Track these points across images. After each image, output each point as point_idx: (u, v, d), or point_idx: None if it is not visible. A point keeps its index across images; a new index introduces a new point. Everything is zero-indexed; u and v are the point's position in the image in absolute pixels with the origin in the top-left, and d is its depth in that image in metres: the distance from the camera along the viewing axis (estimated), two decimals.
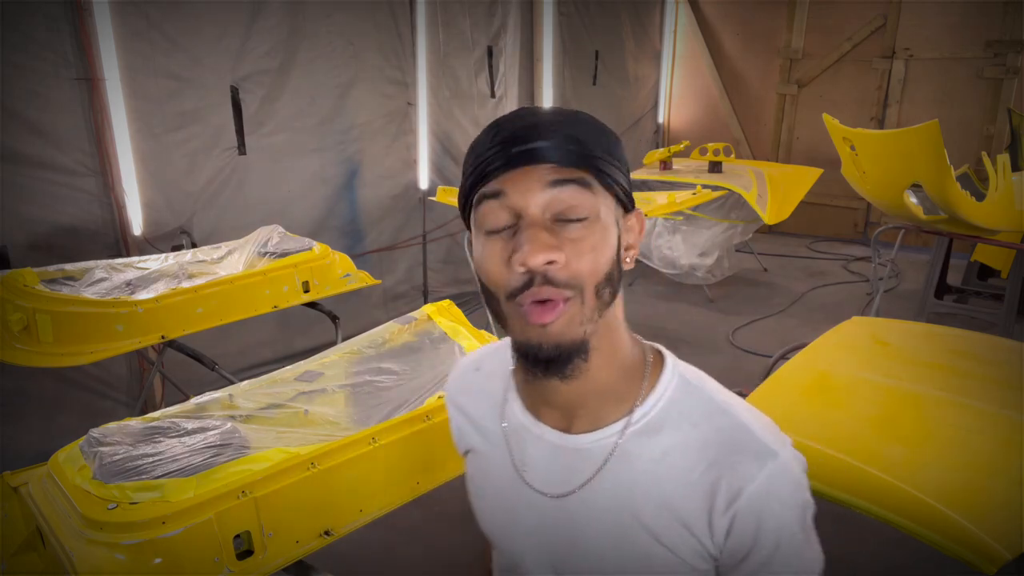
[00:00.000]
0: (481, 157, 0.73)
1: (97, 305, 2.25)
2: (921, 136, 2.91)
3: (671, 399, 0.79)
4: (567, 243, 0.70)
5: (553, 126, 0.71)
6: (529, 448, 0.84)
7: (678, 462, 0.76)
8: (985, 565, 1.28)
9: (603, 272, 0.72)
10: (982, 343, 2.20)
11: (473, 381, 0.95)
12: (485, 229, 0.73)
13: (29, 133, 2.78)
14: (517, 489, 0.84)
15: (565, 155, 0.70)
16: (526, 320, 0.71)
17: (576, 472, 0.80)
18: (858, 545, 2.47)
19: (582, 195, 0.71)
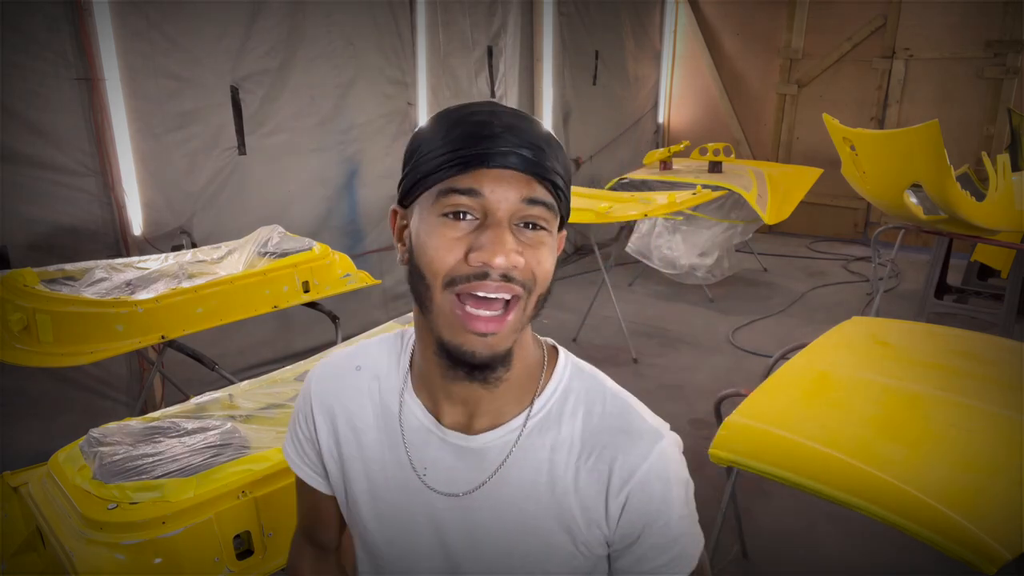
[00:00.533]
0: (447, 149, 0.72)
1: (97, 305, 2.25)
2: (921, 136, 2.91)
3: (567, 388, 0.83)
4: (526, 247, 0.73)
5: (527, 133, 0.73)
6: (431, 451, 0.83)
7: (576, 448, 0.80)
8: (985, 565, 1.28)
9: (547, 282, 0.75)
10: (982, 343, 2.20)
11: (353, 382, 0.89)
12: (443, 213, 0.72)
13: (29, 133, 2.77)
14: (416, 492, 0.83)
15: (540, 168, 0.73)
16: (464, 322, 0.72)
17: (478, 470, 0.81)
18: (858, 545, 2.47)
19: (546, 212, 0.74)
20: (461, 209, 0.72)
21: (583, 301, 4.58)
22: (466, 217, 0.72)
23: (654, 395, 3.56)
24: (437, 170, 0.73)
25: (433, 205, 0.73)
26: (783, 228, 6.35)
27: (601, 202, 3.93)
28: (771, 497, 2.69)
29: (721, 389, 2.20)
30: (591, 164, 6.09)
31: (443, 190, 0.72)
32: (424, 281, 0.73)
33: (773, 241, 6.46)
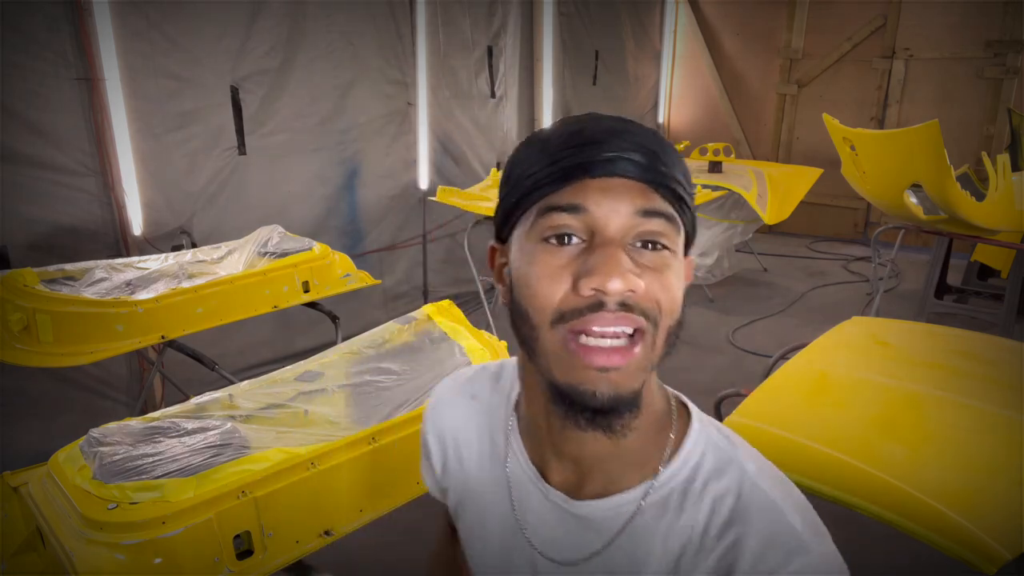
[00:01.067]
0: (544, 164, 0.62)
1: (97, 305, 2.25)
2: (921, 136, 2.91)
3: (698, 464, 0.66)
4: (647, 271, 0.60)
5: (635, 135, 0.62)
6: (533, 503, 0.72)
7: (694, 545, 0.64)
8: (985, 565, 1.28)
9: (679, 311, 0.62)
10: (982, 343, 2.20)
11: (468, 411, 0.81)
12: (544, 238, 0.61)
13: (29, 133, 2.77)
14: (518, 546, 0.73)
15: (655, 174, 0.61)
16: (577, 358, 0.59)
17: (584, 540, 0.68)
18: (858, 545, 2.46)
19: (668, 227, 0.62)
20: (564, 231, 0.60)
21: None
22: (571, 240, 0.61)
23: None
24: (532, 189, 0.62)
25: (531, 230, 0.62)
26: (783, 228, 6.34)
27: None
28: None
29: (721, 389, 2.20)
30: None
31: (541, 210, 0.62)
32: (529, 321, 0.62)
33: (773, 241, 6.46)
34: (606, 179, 0.60)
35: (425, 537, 0.97)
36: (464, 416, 0.81)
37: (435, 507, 0.94)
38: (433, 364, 2.01)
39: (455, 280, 4.85)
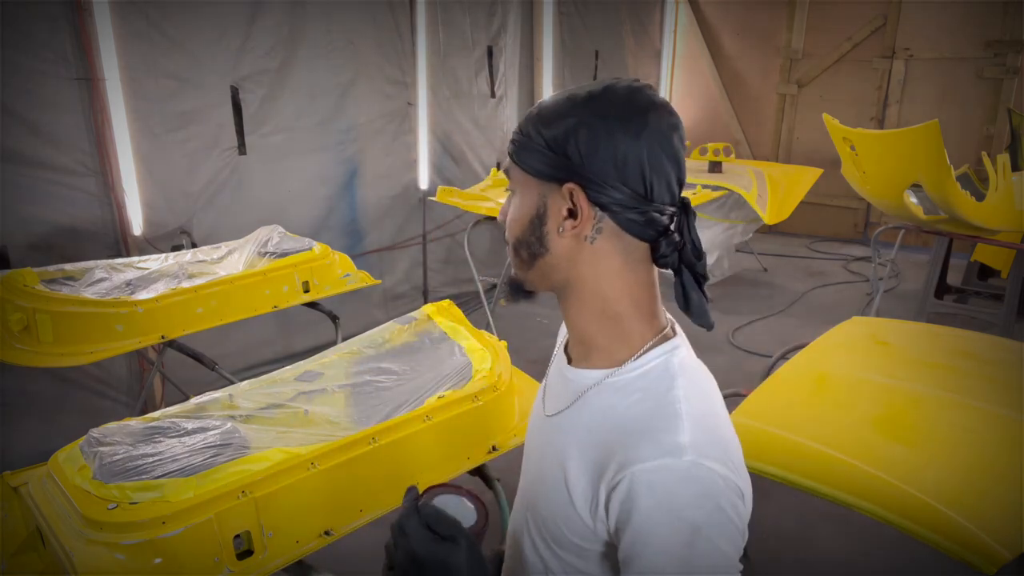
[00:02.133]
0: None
1: (97, 305, 2.25)
2: (921, 136, 2.91)
3: (644, 373, 0.84)
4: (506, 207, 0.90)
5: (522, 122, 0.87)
6: (552, 374, 0.97)
7: (610, 422, 0.80)
8: (985, 565, 1.28)
9: (515, 235, 0.87)
10: (982, 343, 2.20)
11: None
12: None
13: (29, 133, 2.77)
14: (538, 414, 0.96)
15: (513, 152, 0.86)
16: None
17: (564, 398, 0.89)
18: (858, 545, 2.46)
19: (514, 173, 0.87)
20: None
21: None
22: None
23: None
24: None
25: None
26: (783, 228, 6.34)
27: None
28: (771, 497, 2.69)
29: (721, 389, 2.20)
30: None
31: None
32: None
33: (773, 241, 6.46)
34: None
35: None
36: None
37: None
38: (433, 364, 2.01)
39: (455, 280, 4.85)
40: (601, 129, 0.78)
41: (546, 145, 0.82)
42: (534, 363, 3.95)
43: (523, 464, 0.98)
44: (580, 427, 0.84)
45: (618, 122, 0.78)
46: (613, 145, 0.78)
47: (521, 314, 4.69)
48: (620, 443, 0.76)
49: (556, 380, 0.94)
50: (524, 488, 0.95)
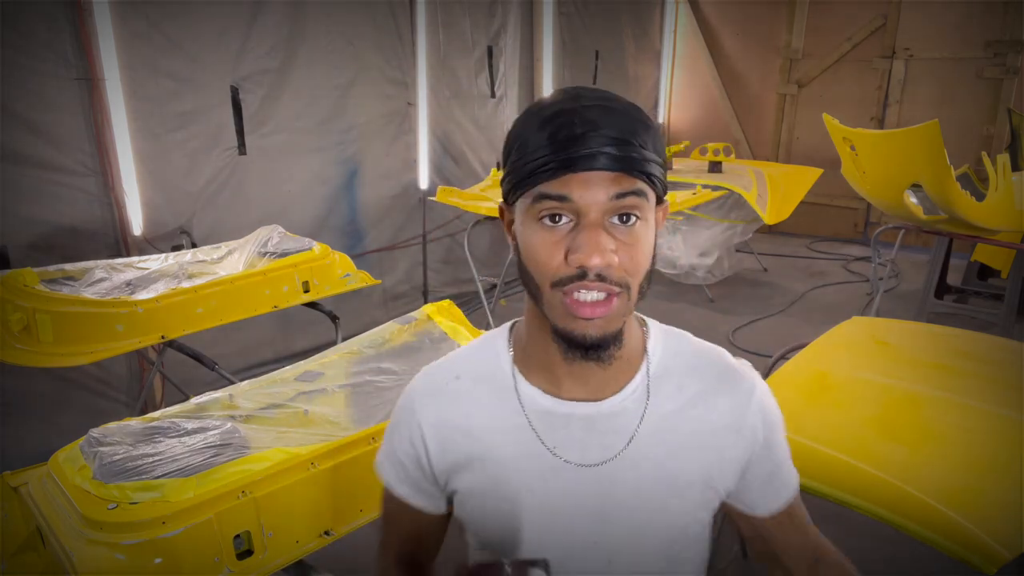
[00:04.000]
0: (537, 155, 0.74)
1: (97, 305, 2.25)
2: (921, 136, 2.91)
3: (665, 345, 0.91)
4: (621, 246, 0.75)
5: (611, 127, 0.73)
6: (559, 429, 0.86)
7: (691, 392, 0.88)
8: (985, 565, 1.28)
9: (646, 269, 0.79)
10: (982, 343, 2.20)
11: (457, 390, 0.91)
12: (540, 218, 0.76)
13: (29, 133, 2.77)
14: (556, 471, 0.86)
15: (627, 163, 0.74)
16: (573, 312, 0.76)
17: (612, 436, 0.86)
18: (858, 545, 2.46)
19: (638, 200, 0.76)
20: (555, 212, 0.75)
21: None
22: (561, 220, 0.75)
23: None
24: (529, 176, 0.75)
25: (530, 209, 0.77)
26: (783, 228, 6.34)
27: None
28: None
29: None
30: None
31: (536, 196, 0.75)
32: (532, 279, 0.79)
33: (773, 241, 6.45)
34: (586, 173, 0.73)
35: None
36: (456, 395, 0.90)
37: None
38: None
39: (455, 280, 4.85)
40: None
41: (658, 162, 0.77)
42: None
43: (497, 483, 0.87)
44: (664, 443, 0.86)
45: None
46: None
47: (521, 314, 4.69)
48: (728, 390, 0.90)
49: (577, 430, 0.86)
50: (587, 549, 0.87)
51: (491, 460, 0.88)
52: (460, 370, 0.92)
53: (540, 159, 0.74)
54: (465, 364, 0.93)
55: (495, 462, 0.88)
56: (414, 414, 0.91)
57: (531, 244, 0.77)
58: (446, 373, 0.93)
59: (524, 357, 0.89)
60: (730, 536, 2.43)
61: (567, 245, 0.75)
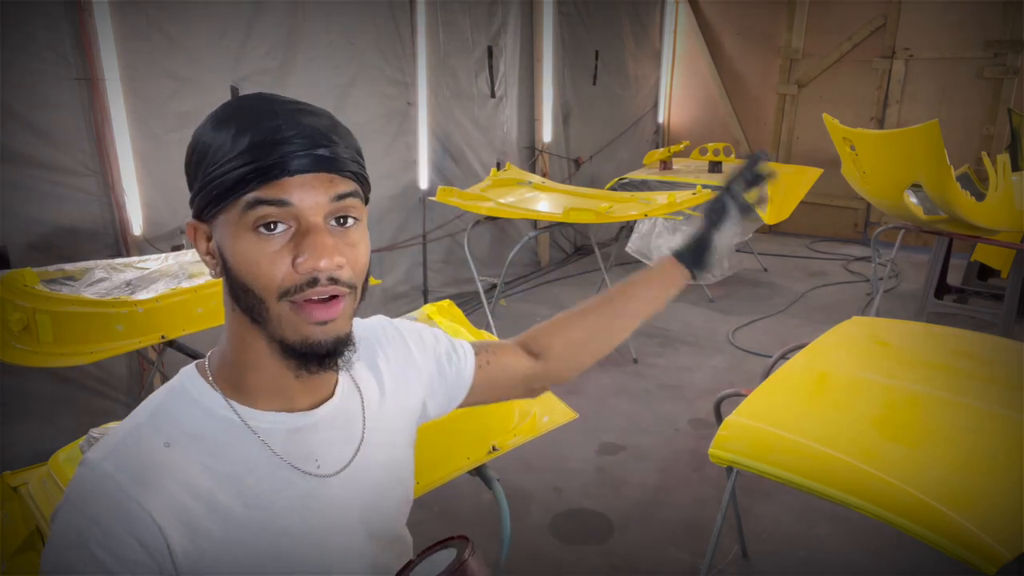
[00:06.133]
0: (244, 160, 0.70)
1: (97, 305, 2.25)
2: (921, 136, 2.91)
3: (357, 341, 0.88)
4: (346, 247, 0.74)
5: (316, 129, 0.73)
6: (310, 441, 0.82)
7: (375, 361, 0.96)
8: (985, 565, 1.28)
9: (366, 272, 0.78)
10: (982, 343, 2.20)
11: (176, 461, 0.74)
12: (255, 227, 0.71)
13: (29, 133, 2.77)
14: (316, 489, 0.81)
15: (340, 164, 0.73)
16: (307, 318, 0.73)
17: (350, 430, 0.86)
18: (858, 545, 2.47)
19: (355, 201, 0.75)
20: (272, 220, 0.71)
21: (583, 301, 4.57)
22: (277, 227, 0.71)
23: (654, 395, 3.56)
24: (235, 184, 0.70)
25: (241, 219, 0.71)
26: (783, 228, 6.35)
27: (601, 202, 3.93)
28: (771, 497, 2.69)
29: (721, 389, 2.20)
30: (591, 164, 6.09)
31: (249, 202, 0.71)
32: (254, 295, 0.73)
33: (773, 241, 6.46)
34: (303, 175, 0.71)
35: (425, 537, 0.97)
36: (178, 466, 0.74)
37: (435, 508, 0.96)
38: None
39: (455, 280, 4.85)
40: None
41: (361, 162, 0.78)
42: None
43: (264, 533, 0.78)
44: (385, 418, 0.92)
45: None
46: None
47: (521, 314, 4.69)
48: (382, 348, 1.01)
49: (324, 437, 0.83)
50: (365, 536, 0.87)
51: (247, 516, 0.76)
52: (163, 437, 0.75)
53: (249, 164, 0.70)
54: (163, 428, 0.76)
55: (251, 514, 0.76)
56: (133, 505, 0.69)
57: (248, 257, 0.72)
58: (147, 445, 0.74)
59: (242, 388, 0.80)
60: (730, 535, 2.43)
61: (291, 252, 0.71)
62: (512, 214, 3.97)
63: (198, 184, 0.74)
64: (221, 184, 0.71)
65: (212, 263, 0.78)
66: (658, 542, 2.51)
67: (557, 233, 5.77)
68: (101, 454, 0.74)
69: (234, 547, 0.75)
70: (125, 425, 0.78)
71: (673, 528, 2.58)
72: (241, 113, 0.73)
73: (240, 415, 0.79)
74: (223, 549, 0.74)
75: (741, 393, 1.96)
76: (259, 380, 0.80)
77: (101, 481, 0.71)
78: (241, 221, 0.71)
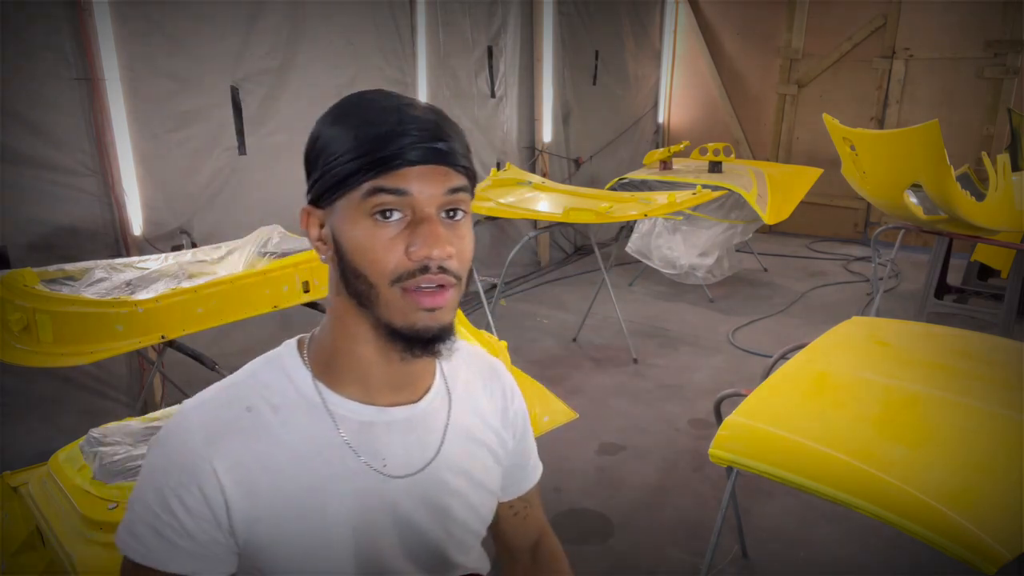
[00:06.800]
0: (369, 149, 0.74)
1: (97, 305, 2.25)
2: (921, 136, 2.91)
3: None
4: (455, 238, 0.77)
5: (438, 124, 0.77)
6: (381, 439, 0.84)
7: (475, 390, 0.95)
8: (985, 565, 1.28)
9: (471, 262, 0.81)
10: (982, 343, 2.20)
11: (254, 424, 0.79)
12: (372, 214, 0.75)
13: (29, 133, 2.77)
14: (378, 485, 0.83)
15: (456, 159, 0.77)
16: (416, 305, 0.76)
17: (428, 435, 0.87)
18: (858, 545, 2.47)
19: (465, 196, 0.79)
20: (389, 207, 0.75)
21: (583, 301, 4.58)
22: (394, 215, 0.75)
23: (654, 395, 3.56)
24: (356, 171, 0.75)
25: (360, 206, 0.75)
26: (783, 228, 6.35)
27: (601, 202, 3.93)
28: (771, 497, 2.69)
29: (721, 389, 2.20)
30: (591, 164, 6.09)
31: (369, 190, 0.75)
32: (366, 279, 0.76)
33: (773, 241, 6.46)
34: (423, 166, 0.75)
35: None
36: (250, 432, 0.79)
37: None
38: None
39: None
40: None
41: (470, 159, 0.82)
42: (534, 363, 3.97)
43: (317, 516, 0.80)
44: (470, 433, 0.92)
45: None
46: None
47: (521, 314, 4.69)
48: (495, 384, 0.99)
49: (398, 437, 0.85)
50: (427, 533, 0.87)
51: (305, 493, 0.79)
52: (248, 401, 0.80)
53: (371, 154, 0.74)
54: (252, 393, 0.81)
55: (310, 494, 0.79)
56: (204, 460, 0.76)
57: (363, 242, 0.75)
58: (233, 407, 0.80)
59: (330, 371, 0.83)
60: (730, 535, 2.43)
61: (406, 240, 0.75)
62: (512, 214, 3.97)
63: (318, 172, 0.78)
64: (342, 172, 0.75)
65: (323, 248, 0.81)
66: (658, 542, 2.51)
67: (557, 233, 5.77)
68: (194, 404, 0.81)
69: (286, 522, 0.79)
70: (225, 380, 0.85)
71: (673, 528, 2.58)
72: (362, 107, 0.78)
73: (322, 396, 0.82)
74: (276, 520, 0.78)
75: (741, 393, 1.96)
76: (348, 366, 0.82)
77: (184, 431, 0.78)
78: (360, 207, 0.75)
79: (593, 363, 3.98)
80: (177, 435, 0.78)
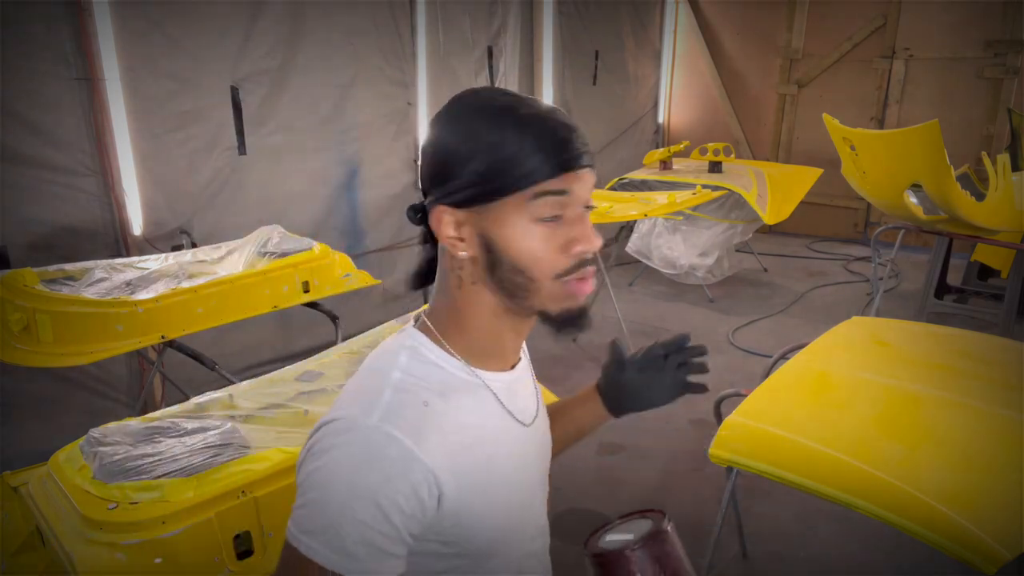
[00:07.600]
0: (537, 154, 0.78)
1: (97, 305, 2.25)
2: (921, 136, 2.91)
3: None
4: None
5: (581, 131, 0.83)
6: (519, 393, 0.94)
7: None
8: (985, 565, 1.28)
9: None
10: (982, 343, 2.20)
11: (437, 413, 0.83)
12: (538, 218, 0.80)
13: (29, 133, 2.77)
14: (523, 436, 0.93)
15: (593, 161, 0.84)
16: (575, 294, 0.84)
17: (534, 388, 0.99)
18: (858, 545, 2.47)
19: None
20: (552, 210, 0.80)
21: None
22: (558, 217, 0.81)
23: None
24: (525, 175, 0.78)
25: (525, 208, 0.79)
26: (783, 228, 6.34)
27: (601, 202, 3.93)
28: (771, 497, 2.69)
29: (721, 389, 2.20)
30: None
31: (537, 193, 0.79)
32: (527, 276, 0.81)
33: (773, 241, 6.46)
34: (580, 170, 0.81)
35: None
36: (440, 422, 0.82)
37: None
38: None
39: None
40: None
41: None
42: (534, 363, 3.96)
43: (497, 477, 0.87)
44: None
45: None
46: None
47: None
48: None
49: (526, 393, 0.96)
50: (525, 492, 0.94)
51: (493, 462, 0.86)
52: (420, 396, 0.83)
53: (554, 159, 0.78)
54: (417, 389, 0.84)
55: (496, 461, 0.87)
56: (417, 462, 0.78)
57: (530, 244, 0.80)
58: (412, 406, 0.82)
59: (472, 351, 0.89)
60: (730, 535, 2.43)
61: (563, 237, 0.81)
62: None
63: (471, 175, 0.79)
64: (508, 175, 0.78)
65: (461, 245, 0.83)
66: None
67: None
68: (375, 419, 0.79)
69: (493, 493, 0.86)
70: (369, 385, 0.85)
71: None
72: (522, 108, 0.80)
73: (477, 375, 0.89)
74: (484, 495, 0.85)
75: (741, 393, 1.96)
76: (491, 345, 0.89)
77: (388, 442, 0.78)
78: (523, 209, 0.79)
79: (593, 363, 3.98)
80: (378, 448, 0.77)
